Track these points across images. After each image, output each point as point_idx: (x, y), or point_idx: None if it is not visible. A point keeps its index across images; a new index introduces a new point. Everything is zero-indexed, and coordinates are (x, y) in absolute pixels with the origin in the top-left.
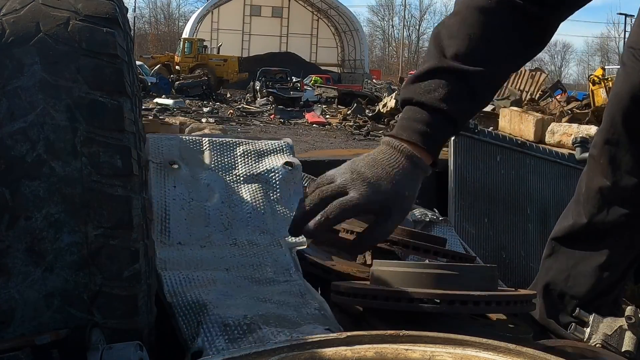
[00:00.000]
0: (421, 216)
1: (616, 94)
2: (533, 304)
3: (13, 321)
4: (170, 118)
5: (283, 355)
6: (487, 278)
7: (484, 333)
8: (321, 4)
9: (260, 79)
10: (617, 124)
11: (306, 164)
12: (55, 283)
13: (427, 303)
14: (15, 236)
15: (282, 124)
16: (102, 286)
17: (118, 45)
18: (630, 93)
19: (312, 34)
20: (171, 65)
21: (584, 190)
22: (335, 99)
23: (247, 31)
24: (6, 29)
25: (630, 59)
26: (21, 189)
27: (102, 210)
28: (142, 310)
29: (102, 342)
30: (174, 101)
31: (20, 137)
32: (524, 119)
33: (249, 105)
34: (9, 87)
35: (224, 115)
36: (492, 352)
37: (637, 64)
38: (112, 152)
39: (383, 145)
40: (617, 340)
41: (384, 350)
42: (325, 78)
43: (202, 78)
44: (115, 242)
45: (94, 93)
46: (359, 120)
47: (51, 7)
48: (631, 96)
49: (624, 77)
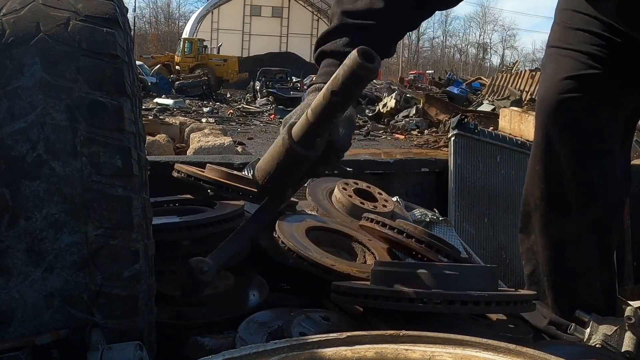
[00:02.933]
0: (421, 216)
1: (542, 101)
2: (533, 304)
3: (13, 321)
4: (170, 118)
5: (283, 356)
6: (487, 278)
7: (484, 333)
8: (321, 4)
9: (260, 79)
10: (549, 130)
11: None
12: (56, 283)
13: (427, 303)
14: (15, 236)
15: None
16: (102, 286)
17: (118, 46)
18: (554, 96)
19: (312, 34)
20: (171, 65)
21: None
22: None
23: (247, 31)
24: (6, 29)
25: (548, 60)
26: (21, 189)
27: (102, 210)
28: (142, 310)
29: (102, 342)
30: (174, 101)
31: (20, 137)
32: (524, 119)
33: (249, 105)
34: (9, 87)
35: (224, 115)
36: (492, 352)
37: (555, 63)
38: (112, 152)
39: (312, 93)
40: (617, 341)
41: (384, 350)
42: None
43: (202, 78)
44: (115, 242)
45: (94, 93)
46: (358, 120)
47: (51, 7)
48: (556, 99)
49: (545, 80)
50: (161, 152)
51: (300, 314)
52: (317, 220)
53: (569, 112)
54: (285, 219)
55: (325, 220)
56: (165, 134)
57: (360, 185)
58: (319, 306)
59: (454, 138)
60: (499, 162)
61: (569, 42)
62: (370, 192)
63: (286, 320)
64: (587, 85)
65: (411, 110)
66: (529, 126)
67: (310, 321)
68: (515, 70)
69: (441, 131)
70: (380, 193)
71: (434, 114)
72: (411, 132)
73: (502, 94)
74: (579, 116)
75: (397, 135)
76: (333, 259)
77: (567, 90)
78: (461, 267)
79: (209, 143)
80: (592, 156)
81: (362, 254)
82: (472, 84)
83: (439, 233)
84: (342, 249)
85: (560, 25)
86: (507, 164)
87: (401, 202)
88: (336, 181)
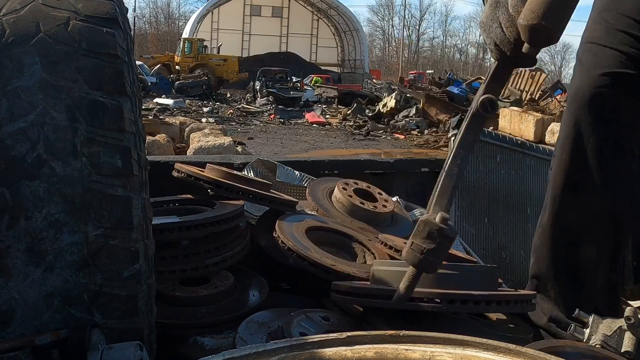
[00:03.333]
0: (421, 216)
1: (577, 91)
2: (533, 304)
3: (13, 321)
4: (170, 118)
5: (283, 356)
6: (487, 278)
7: (484, 333)
8: (321, 4)
9: (260, 78)
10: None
11: (306, 164)
12: (55, 283)
13: (427, 302)
14: (15, 236)
15: (282, 124)
16: (102, 286)
17: (118, 46)
18: (589, 89)
19: (312, 34)
20: (171, 65)
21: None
22: (335, 99)
23: (247, 31)
24: (6, 29)
25: (587, 54)
26: (21, 189)
27: (102, 210)
28: (142, 310)
29: (102, 342)
30: (174, 101)
31: (20, 137)
32: (524, 119)
33: (249, 105)
34: (9, 87)
35: (224, 115)
36: (492, 352)
37: (594, 58)
38: (112, 152)
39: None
40: (617, 341)
41: (384, 350)
42: (325, 78)
43: (202, 78)
44: (115, 242)
45: (94, 93)
46: (359, 120)
47: (51, 7)
48: (591, 92)
49: (580, 71)
50: (161, 152)
51: (300, 314)
52: (317, 220)
53: (601, 105)
54: (285, 219)
55: (325, 220)
56: (165, 134)
57: (360, 185)
58: (319, 306)
59: (454, 138)
60: (499, 162)
61: (610, 40)
62: (370, 192)
63: (286, 320)
64: (622, 83)
65: (411, 110)
66: (529, 126)
67: (310, 321)
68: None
69: (441, 131)
70: (380, 193)
71: (434, 114)
72: (411, 132)
73: (502, 94)
74: (611, 111)
75: (397, 135)
76: (333, 259)
77: (603, 85)
78: (461, 266)
79: (209, 143)
80: (619, 154)
81: (362, 254)
82: (472, 84)
83: None
84: (342, 249)
85: (602, 24)
86: (507, 164)
87: (401, 202)
88: (336, 181)
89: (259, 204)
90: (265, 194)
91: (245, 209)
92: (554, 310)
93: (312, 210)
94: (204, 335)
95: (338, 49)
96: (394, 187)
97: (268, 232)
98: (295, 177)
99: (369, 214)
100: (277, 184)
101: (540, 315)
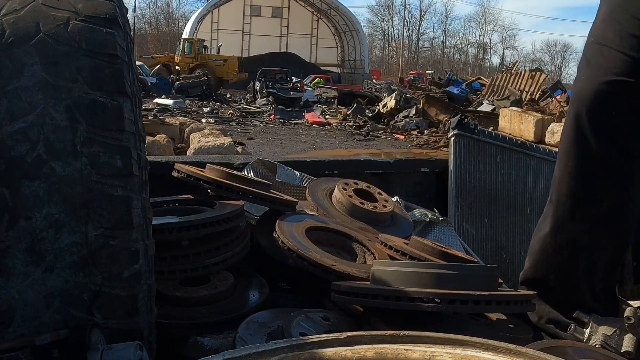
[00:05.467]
0: (421, 216)
1: (580, 92)
2: (533, 304)
3: (13, 321)
4: (170, 118)
5: (283, 356)
6: (487, 278)
7: (484, 333)
8: (321, 4)
9: (260, 79)
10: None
11: (306, 164)
12: (55, 283)
13: (427, 302)
14: (15, 236)
15: (282, 124)
16: (102, 286)
17: (118, 46)
18: (598, 92)
19: (312, 34)
20: (171, 65)
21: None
22: (335, 99)
23: (247, 31)
24: (6, 29)
25: (597, 56)
26: (21, 189)
27: (102, 210)
28: (142, 310)
29: (102, 342)
30: (174, 101)
31: (20, 137)
32: (524, 119)
33: (249, 105)
34: (9, 87)
35: (224, 116)
36: (492, 352)
37: (605, 61)
38: (112, 152)
39: None
40: (617, 341)
41: (384, 350)
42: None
43: (202, 78)
44: (115, 242)
45: (94, 93)
46: (358, 121)
47: (51, 7)
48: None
49: (588, 73)
50: (161, 152)
51: (300, 314)
52: (317, 220)
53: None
54: (285, 219)
55: (325, 220)
56: (165, 134)
57: (360, 185)
58: (319, 306)
59: (454, 138)
60: (499, 162)
61: (623, 45)
62: (370, 192)
63: (286, 320)
64: (633, 90)
65: (411, 110)
66: (529, 126)
67: (310, 321)
68: (515, 71)
69: (441, 131)
70: (380, 193)
71: (434, 114)
72: (411, 132)
73: (502, 94)
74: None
75: (397, 135)
76: (333, 259)
77: (613, 90)
78: (461, 266)
79: (209, 143)
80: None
81: (362, 254)
82: (472, 84)
83: (439, 233)
84: (342, 249)
85: (613, 25)
86: (507, 164)
87: (401, 202)
88: (336, 181)
89: (259, 204)
90: (265, 194)
91: (245, 209)
92: (551, 312)
93: (312, 210)
94: (204, 335)
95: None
96: (394, 187)
97: (268, 232)
98: (295, 177)
99: (369, 214)
100: (277, 184)
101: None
